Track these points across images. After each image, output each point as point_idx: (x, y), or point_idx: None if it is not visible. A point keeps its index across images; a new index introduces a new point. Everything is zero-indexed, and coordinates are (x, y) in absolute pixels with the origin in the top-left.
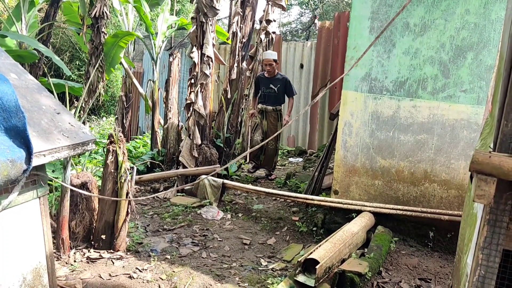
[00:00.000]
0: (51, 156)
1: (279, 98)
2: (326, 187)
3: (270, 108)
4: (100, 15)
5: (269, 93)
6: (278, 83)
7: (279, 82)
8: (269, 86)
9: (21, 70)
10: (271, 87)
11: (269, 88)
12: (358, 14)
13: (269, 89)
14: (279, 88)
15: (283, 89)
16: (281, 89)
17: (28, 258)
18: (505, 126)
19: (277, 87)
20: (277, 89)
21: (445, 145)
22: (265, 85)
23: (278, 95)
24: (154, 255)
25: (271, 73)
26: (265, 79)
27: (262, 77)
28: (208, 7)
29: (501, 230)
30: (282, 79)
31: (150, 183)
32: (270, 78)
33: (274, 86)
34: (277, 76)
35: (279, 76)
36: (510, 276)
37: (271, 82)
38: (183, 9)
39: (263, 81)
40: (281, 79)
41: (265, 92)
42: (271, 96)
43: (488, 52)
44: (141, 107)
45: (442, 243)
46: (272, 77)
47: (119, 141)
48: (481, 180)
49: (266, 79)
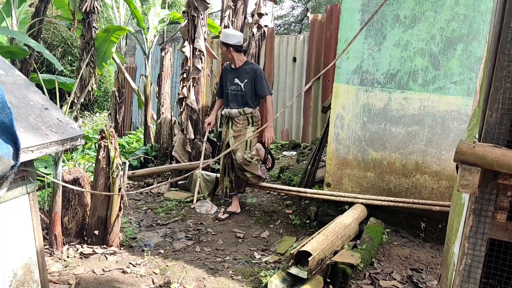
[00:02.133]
0: (39, 151)
1: (248, 98)
2: (319, 180)
3: (234, 112)
4: (91, 9)
5: (234, 91)
6: (245, 77)
7: (247, 76)
8: (234, 82)
9: (8, 66)
10: (236, 83)
11: (234, 84)
12: (349, 6)
13: (234, 85)
14: (246, 84)
15: (250, 84)
16: (249, 85)
17: (18, 253)
18: (490, 117)
19: (244, 82)
20: (244, 86)
21: (436, 136)
22: (230, 79)
23: (245, 93)
24: (147, 249)
25: (234, 63)
26: (230, 71)
27: (228, 69)
28: (199, 1)
29: (486, 219)
30: (250, 71)
31: (143, 178)
32: (236, 70)
33: (240, 81)
34: (245, 66)
35: (248, 66)
36: (496, 265)
37: (236, 75)
38: (176, 2)
39: (227, 74)
40: (249, 71)
41: (228, 90)
42: (237, 95)
43: (478, 44)
44: (134, 102)
45: (433, 234)
46: (238, 69)
47: (110, 137)
48: (466, 170)
49: (231, 71)
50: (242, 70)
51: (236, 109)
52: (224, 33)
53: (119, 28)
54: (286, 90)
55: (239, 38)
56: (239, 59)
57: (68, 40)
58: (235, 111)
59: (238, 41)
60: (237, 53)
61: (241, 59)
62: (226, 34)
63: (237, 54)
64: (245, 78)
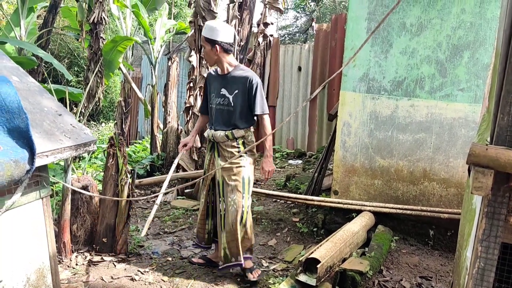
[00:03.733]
0: (54, 156)
1: (238, 116)
2: (326, 188)
3: (220, 135)
4: (99, 20)
5: (220, 105)
6: (235, 87)
7: (238, 85)
8: (220, 93)
9: (22, 73)
10: (223, 94)
11: (220, 95)
12: (355, 15)
13: (219, 97)
14: (237, 96)
15: (243, 97)
16: (241, 98)
17: (31, 258)
18: (501, 120)
19: (234, 94)
20: (234, 99)
21: (443, 143)
22: (215, 90)
23: (235, 109)
24: (155, 257)
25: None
26: (215, 79)
27: (212, 76)
28: (206, 11)
29: (499, 222)
30: (243, 79)
31: (150, 187)
32: (223, 77)
33: (229, 93)
34: (236, 73)
35: (239, 73)
36: (509, 268)
37: (223, 84)
38: (181, 13)
39: (212, 83)
40: (241, 79)
41: (212, 104)
42: (223, 112)
43: (485, 51)
44: (140, 111)
45: (442, 242)
46: (226, 76)
47: (119, 144)
48: (479, 172)
49: (217, 78)
50: (232, 77)
51: (222, 131)
52: (208, 26)
53: (127, 38)
54: (292, 99)
55: (228, 33)
56: (228, 63)
57: (74, 51)
58: (221, 133)
59: (227, 37)
60: (225, 54)
61: (230, 62)
62: (211, 27)
63: (226, 56)
64: (235, 89)
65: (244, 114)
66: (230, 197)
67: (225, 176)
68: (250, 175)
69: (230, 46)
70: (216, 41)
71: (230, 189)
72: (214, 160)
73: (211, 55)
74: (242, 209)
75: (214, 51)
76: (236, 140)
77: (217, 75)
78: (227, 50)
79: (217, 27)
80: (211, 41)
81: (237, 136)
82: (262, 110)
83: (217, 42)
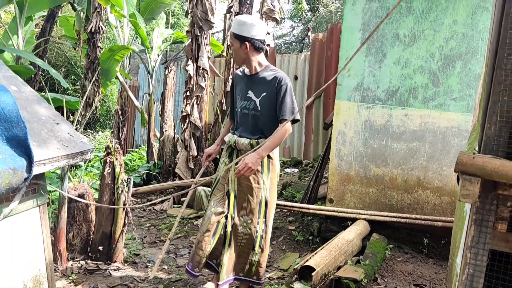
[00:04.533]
0: (51, 165)
1: (266, 122)
2: (322, 196)
3: (243, 143)
4: (96, 30)
5: (245, 109)
6: (263, 89)
7: (266, 87)
8: (246, 95)
9: (20, 82)
10: (249, 97)
11: (246, 98)
12: (349, 25)
13: (245, 100)
14: (264, 99)
15: (270, 101)
16: (269, 102)
17: (28, 265)
18: (489, 129)
19: (261, 96)
20: (261, 102)
21: (437, 152)
22: (241, 92)
23: (261, 115)
24: (151, 265)
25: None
26: (242, 79)
27: (239, 76)
28: (204, 21)
29: (487, 229)
30: (272, 80)
31: (146, 195)
32: (251, 77)
33: (255, 95)
34: (265, 73)
35: (269, 73)
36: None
37: (250, 86)
38: (178, 22)
39: (238, 83)
40: (270, 81)
41: (238, 107)
42: (249, 116)
43: (477, 61)
44: (137, 120)
45: (436, 250)
46: (254, 76)
47: (116, 153)
48: (466, 180)
49: (243, 79)
50: (260, 78)
51: (247, 138)
52: (238, 21)
53: (124, 48)
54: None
55: (260, 29)
56: (258, 62)
57: (71, 59)
58: (245, 141)
59: (259, 33)
60: (255, 53)
61: (261, 62)
62: (241, 21)
63: (256, 54)
64: (263, 91)
65: (272, 120)
66: (242, 218)
67: (240, 192)
68: (269, 196)
69: (261, 44)
70: (247, 37)
71: (243, 209)
72: (229, 169)
73: (240, 53)
74: (256, 234)
75: (243, 49)
76: None
77: (244, 75)
78: (258, 48)
79: (248, 21)
80: (240, 37)
81: None
82: (286, 115)
83: (247, 38)
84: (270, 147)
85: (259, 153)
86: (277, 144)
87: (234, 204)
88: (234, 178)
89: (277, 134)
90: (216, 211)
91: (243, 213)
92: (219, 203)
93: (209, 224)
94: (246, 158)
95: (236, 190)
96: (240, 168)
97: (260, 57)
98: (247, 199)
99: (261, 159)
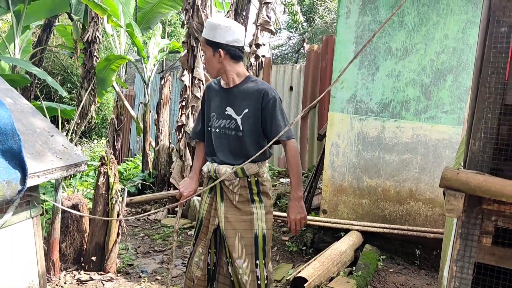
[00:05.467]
0: (45, 177)
1: (251, 144)
2: (315, 207)
3: (225, 171)
4: (93, 39)
5: (224, 129)
6: (245, 105)
7: (249, 102)
8: (224, 113)
9: (16, 95)
10: (228, 115)
11: (224, 116)
12: (343, 38)
13: (223, 118)
14: (247, 117)
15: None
16: (253, 120)
17: (21, 277)
18: (473, 145)
19: (243, 114)
20: (243, 121)
21: (428, 164)
22: (217, 108)
23: (244, 135)
24: (144, 276)
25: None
26: (217, 93)
27: (213, 89)
28: (200, 32)
29: (473, 243)
30: (254, 93)
31: (141, 205)
32: (229, 91)
33: (236, 112)
34: (246, 86)
35: (251, 85)
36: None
37: (229, 101)
38: (175, 31)
39: (213, 98)
40: (253, 94)
41: (213, 127)
42: (230, 138)
43: (467, 75)
44: (132, 129)
45: (428, 261)
46: (233, 89)
47: (110, 163)
48: (451, 195)
49: (220, 93)
50: (241, 92)
51: (229, 165)
52: (210, 24)
53: (120, 57)
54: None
55: (236, 33)
56: (236, 73)
57: (68, 68)
58: (227, 169)
59: (235, 38)
60: (232, 62)
61: (239, 72)
62: (213, 25)
63: (233, 64)
64: (245, 107)
65: (257, 141)
66: (237, 263)
67: (230, 230)
68: (266, 229)
69: (239, 51)
70: (220, 44)
71: (236, 251)
72: (216, 206)
73: (213, 63)
74: (258, 282)
75: (217, 57)
76: (248, 178)
77: (220, 88)
78: (235, 56)
79: (221, 24)
80: (213, 44)
81: (250, 173)
82: (291, 134)
83: (221, 45)
84: (299, 180)
85: (296, 197)
86: (299, 169)
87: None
88: (222, 214)
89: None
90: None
91: (236, 256)
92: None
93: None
94: (290, 213)
95: (223, 229)
96: (293, 227)
97: (239, 67)
98: (238, 237)
99: (301, 199)
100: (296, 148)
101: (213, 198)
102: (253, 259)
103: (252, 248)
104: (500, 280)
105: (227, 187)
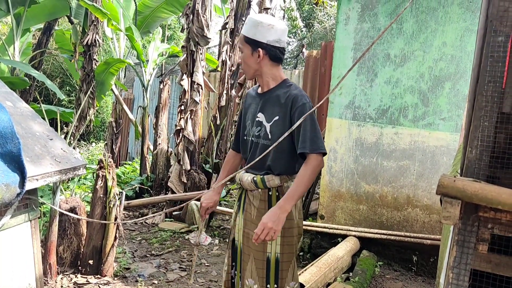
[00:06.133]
0: (44, 180)
1: (278, 154)
2: (313, 212)
3: (247, 180)
4: (92, 43)
5: (253, 137)
6: (275, 111)
7: (279, 109)
8: (255, 120)
9: (16, 98)
10: (259, 121)
11: (255, 123)
12: (341, 45)
13: (255, 125)
14: (276, 124)
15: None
16: (282, 128)
17: (18, 279)
18: (470, 153)
19: (273, 121)
20: (272, 128)
21: (426, 171)
22: (250, 115)
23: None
24: (141, 280)
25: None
26: (253, 99)
27: (251, 96)
28: (200, 37)
29: (469, 250)
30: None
31: (138, 208)
32: (262, 96)
33: (266, 119)
34: (279, 92)
35: (283, 91)
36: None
37: (260, 107)
38: (175, 35)
39: (250, 105)
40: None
41: (245, 136)
42: (257, 146)
43: (465, 82)
44: (130, 133)
45: (425, 267)
46: (265, 95)
47: (108, 166)
48: (447, 202)
49: (255, 99)
50: (272, 97)
51: (251, 174)
52: (252, 21)
53: (119, 61)
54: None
55: (280, 33)
56: (273, 76)
57: (67, 70)
58: (248, 178)
59: (278, 38)
60: (271, 64)
61: (276, 75)
62: (256, 22)
63: (271, 66)
64: (276, 114)
65: (284, 153)
66: (248, 282)
67: (246, 246)
68: (280, 253)
69: (279, 53)
70: (261, 43)
71: (250, 269)
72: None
73: (250, 62)
74: None
75: (255, 57)
76: (269, 192)
77: (256, 94)
78: (275, 57)
79: (264, 22)
80: (253, 42)
81: (271, 185)
82: (316, 147)
83: (261, 44)
84: (296, 194)
85: (282, 206)
86: (306, 188)
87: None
88: (241, 227)
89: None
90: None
91: (249, 275)
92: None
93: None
94: (264, 217)
95: (241, 243)
96: (258, 232)
97: (277, 70)
98: (251, 256)
99: (286, 214)
100: (319, 164)
101: (238, 206)
102: (263, 283)
103: (263, 271)
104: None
105: (249, 198)
